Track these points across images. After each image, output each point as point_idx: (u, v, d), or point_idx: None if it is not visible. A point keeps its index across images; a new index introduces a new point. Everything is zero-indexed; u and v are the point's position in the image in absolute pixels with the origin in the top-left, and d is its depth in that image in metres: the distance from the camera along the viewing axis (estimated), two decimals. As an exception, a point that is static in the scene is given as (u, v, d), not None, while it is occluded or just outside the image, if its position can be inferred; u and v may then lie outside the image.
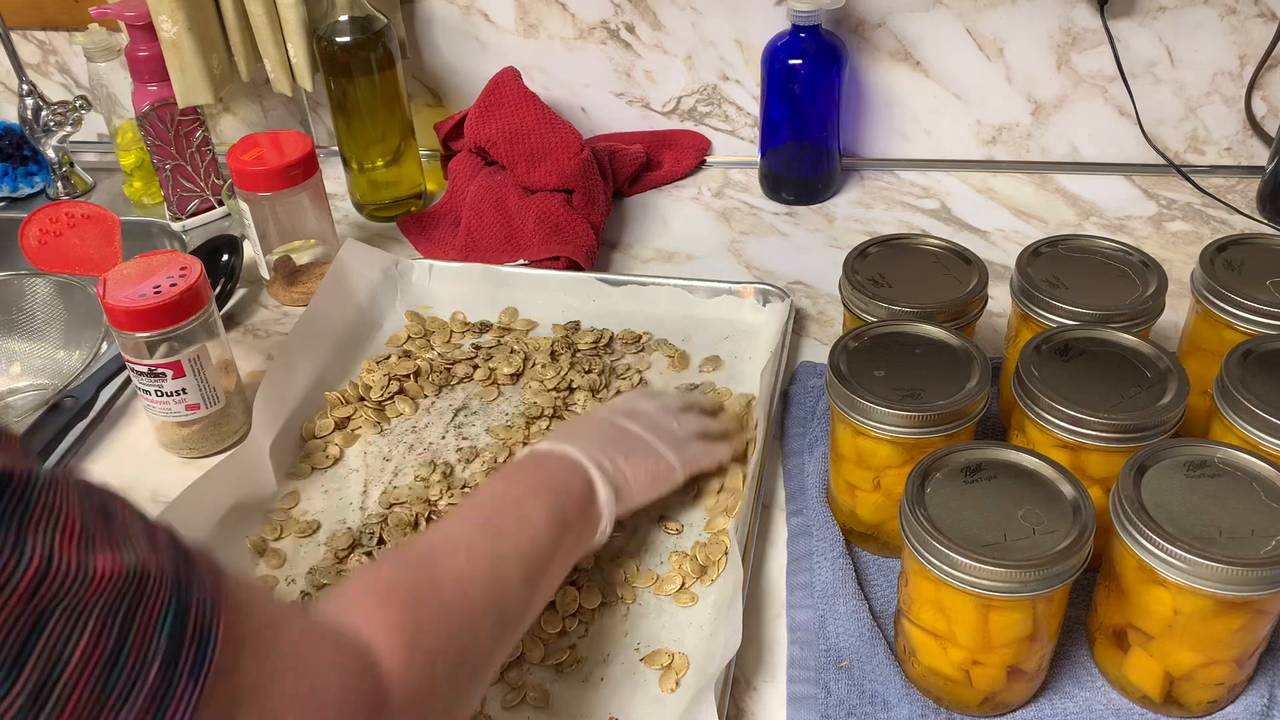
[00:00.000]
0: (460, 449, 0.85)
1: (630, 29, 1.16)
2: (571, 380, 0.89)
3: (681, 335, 0.95)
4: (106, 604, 0.34)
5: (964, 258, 0.81)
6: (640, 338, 0.94)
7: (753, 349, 0.93)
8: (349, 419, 0.88)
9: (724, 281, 0.98)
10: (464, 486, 0.81)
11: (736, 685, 0.68)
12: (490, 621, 0.56)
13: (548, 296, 0.99)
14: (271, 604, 0.44)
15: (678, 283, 0.98)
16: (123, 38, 1.10)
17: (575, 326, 0.96)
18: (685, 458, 0.75)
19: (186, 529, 0.74)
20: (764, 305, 0.96)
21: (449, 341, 0.96)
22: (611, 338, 0.95)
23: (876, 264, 0.82)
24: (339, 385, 0.92)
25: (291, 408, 0.87)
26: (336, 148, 1.15)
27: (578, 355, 0.92)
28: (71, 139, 1.19)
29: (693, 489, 0.79)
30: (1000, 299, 0.84)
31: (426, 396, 0.90)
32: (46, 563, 0.31)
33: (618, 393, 0.89)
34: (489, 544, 0.59)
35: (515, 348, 0.93)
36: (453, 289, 1.01)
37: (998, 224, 1.09)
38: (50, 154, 1.19)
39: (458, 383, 0.91)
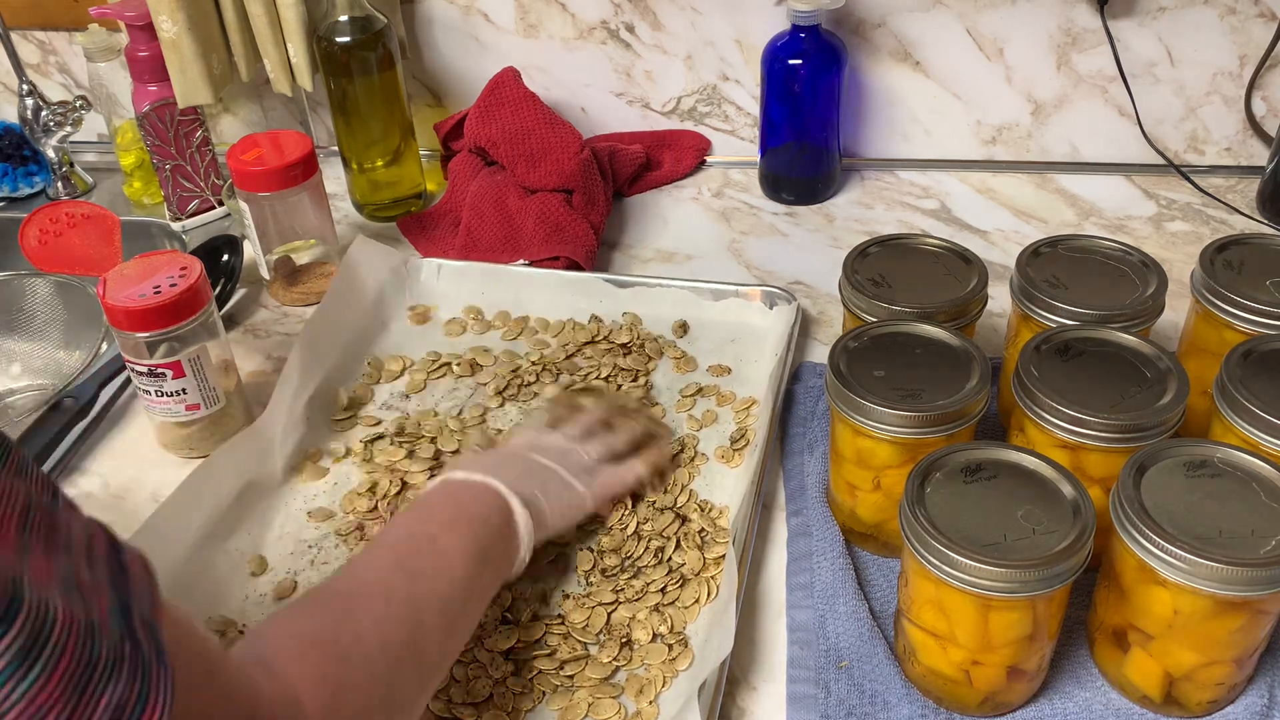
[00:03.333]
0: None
1: (630, 29, 1.16)
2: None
3: (688, 337, 0.96)
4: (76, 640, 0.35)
5: (964, 258, 0.81)
6: (657, 339, 0.95)
7: (759, 352, 0.93)
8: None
9: (730, 284, 0.98)
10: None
11: (736, 685, 0.68)
12: (412, 667, 0.56)
13: (555, 297, 0.99)
14: (202, 637, 0.44)
15: (684, 284, 0.98)
16: (123, 38, 1.10)
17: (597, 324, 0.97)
18: (595, 487, 0.75)
19: (196, 510, 0.76)
20: (770, 308, 0.96)
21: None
22: (642, 337, 0.95)
23: (876, 264, 0.82)
24: (348, 381, 0.92)
25: (303, 403, 0.87)
26: (336, 148, 1.15)
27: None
28: (71, 139, 1.19)
29: (610, 512, 0.78)
30: (1000, 299, 0.84)
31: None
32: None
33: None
34: (407, 586, 0.59)
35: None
36: (460, 288, 1.01)
37: (998, 224, 1.09)
38: (50, 154, 1.19)
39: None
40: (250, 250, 1.04)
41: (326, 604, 0.57)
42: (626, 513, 0.77)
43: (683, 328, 0.96)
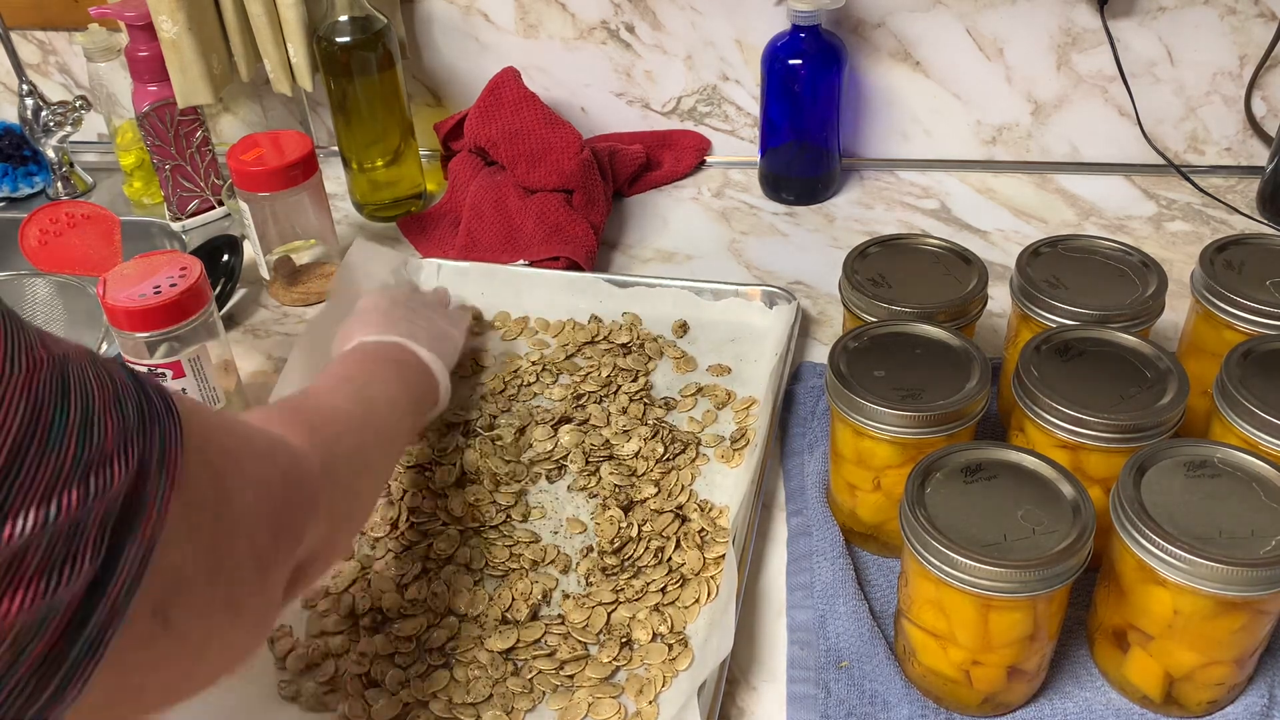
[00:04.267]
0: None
1: (630, 29, 1.16)
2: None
3: (688, 337, 0.96)
4: (90, 365, 0.40)
5: (964, 258, 0.81)
6: (657, 339, 0.95)
7: (759, 352, 0.93)
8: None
9: (730, 284, 0.98)
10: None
11: (736, 685, 0.68)
12: (371, 434, 0.66)
13: (555, 297, 0.99)
14: (217, 417, 0.50)
15: (684, 284, 0.98)
16: (123, 38, 1.10)
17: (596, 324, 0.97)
18: (458, 324, 0.89)
19: None
20: (770, 308, 0.96)
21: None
22: (642, 337, 0.95)
23: (876, 264, 0.82)
24: None
25: None
26: (336, 148, 1.15)
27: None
28: (71, 139, 1.19)
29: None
30: (1000, 299, 0.84)
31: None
32: (48, 350, 0.38)
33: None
34: (357, 392, 0.70)
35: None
36: (460, 289, 1.01)
37: (998, 224, 1.09)
38: (50, 154, 1.19)
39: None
40: (250, 250, 1.04)
41: (292, 402, 0.67)
42: (624, 525, 0.77)
43: (683, 328, 0.96)
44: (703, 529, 0.77)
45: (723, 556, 0.74)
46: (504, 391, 0.91)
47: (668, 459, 0.82)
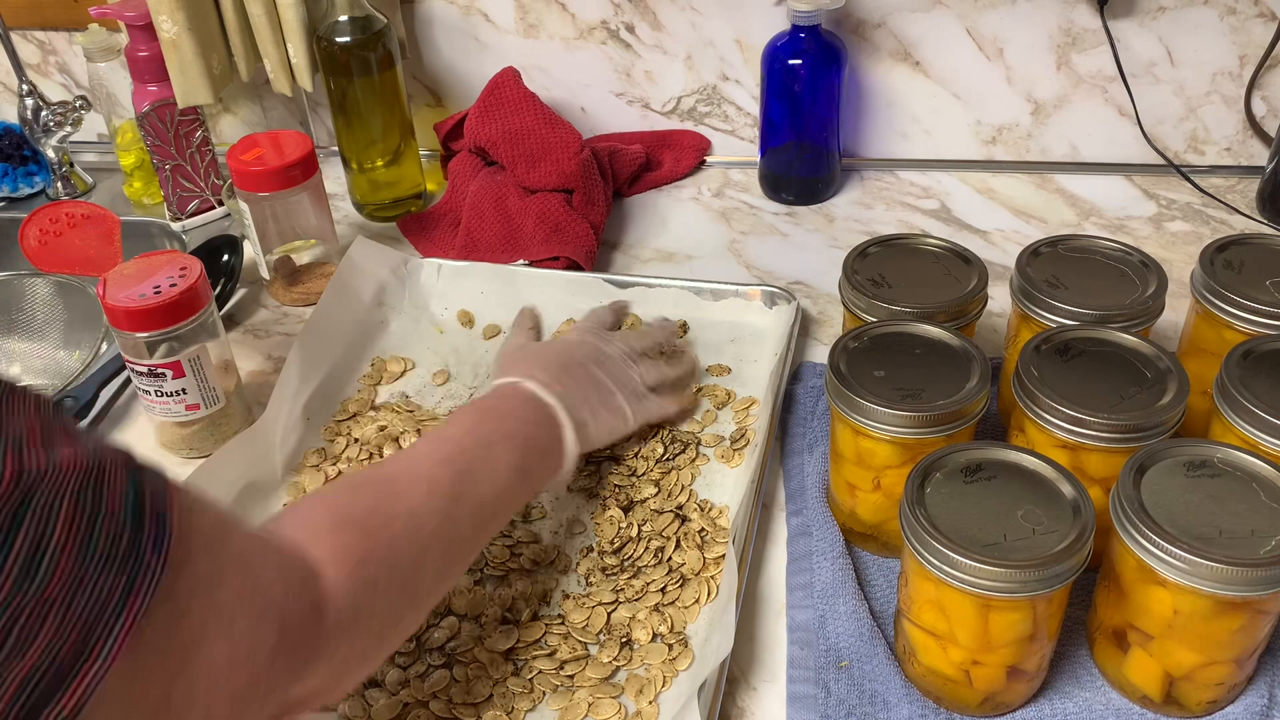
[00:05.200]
0: None
1: (630, 29, 1.16)
2: None
3: (688, 337, 0.96)
4: (77, 485, 0.37)
5: (964, 258, 0.81)
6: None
7: (759, 351, 0.93)
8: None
9: (730, 284, 0.98)
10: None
11: (736, 685, 0.68)
12: (436, 557, 0.58)
13: (555, 297, 0.99)
14: (218, 509, 0.46)
15: (684, 284, 0.98)
16: (123, 38, 1.10)
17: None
18: (640, 410, 0.80)
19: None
20: (770, 307, 0.96)
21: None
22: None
23: (876, 264, 0.82)
24: (348, 382, 0.92)
25: (302, 403, 0.87)
26: (336, 148, 1.15)
27: None
28: (71, 139, 1.19)
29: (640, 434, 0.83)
30: (1000, 299, 0.84)
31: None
32: (18, 465, 0.35)
33: None
34: (450, 483, 0.61)
35: None
36: (461, 289, 1.01)
37: (998, 224, 1.09)
38: (50, 154, 1.19)
39: None
40: (250, 250, 1.04)
41: (365, 484, 0.59)
42: (624, 525, 0.77)
43: (682, 328, 0.96)
44: (703, 529, 0.77)
45: (723, 556, 0.74)
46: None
47: (667, 459, 0.82)
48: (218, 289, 1.01)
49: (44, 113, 1.15)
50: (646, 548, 0.76)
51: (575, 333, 0.84)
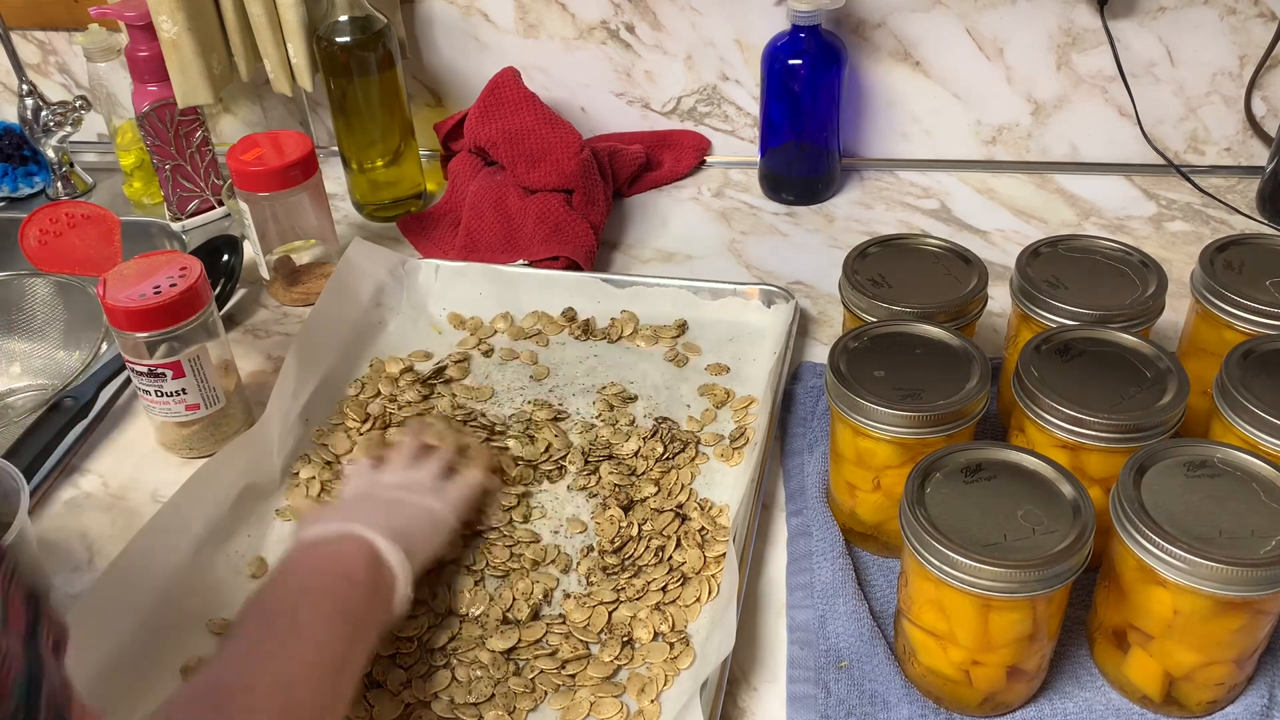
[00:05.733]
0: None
1: (630, 29, 1.16)
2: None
3: (687, 336, 0.96)
4: None
5: (964, 258, 0.81)
6: (656, 331, 0.95)
7: (757, 351, 0.93)
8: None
9: (728, 283, 0.98)
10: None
11: (736, 685, 0.68)
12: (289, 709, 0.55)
13: (553, 297, 0.99)
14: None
15: (682, 284, 0.98)
16: (123, 38, 1.10)
17: (585, 325, 0.96)
18: (447, 499, 0.74)
19: (197, 513, 0.76)
20: (769, 307, 0.96)
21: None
22: (635, 328, 0.96)
23: (876, 264, 0.82)
24: (345, 383, 0.92)
25: (301, 404, 0.87)
26: (336, 148, 1.15)
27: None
28: (71, 139, 1.19)
29: (476, 523, 0.78)
30: (1000, 299, 0.84)
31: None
32: None
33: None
34: (270, 672, 0.57)
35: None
36: (458, 289, 1.01)
37: (998, 224, 1.09)
38: (50, 154, 1.19)
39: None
40: (250, 250, 1.04)
41: (198, 704, 0.55)
42: (624, 525, 0.77)
43: (681, 327, 0.96)
44: (703, 528, 0.77)
45: (723, 555, 0.74)
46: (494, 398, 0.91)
47: (667, 458, 0.82)
48: (218, 289, 1.01)
49: (44, 113, 1.15)
50: (647, 547, 0.76)
51: (344, 489, 0.78)
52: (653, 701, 0.66)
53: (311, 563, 0.65)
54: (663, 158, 1.20)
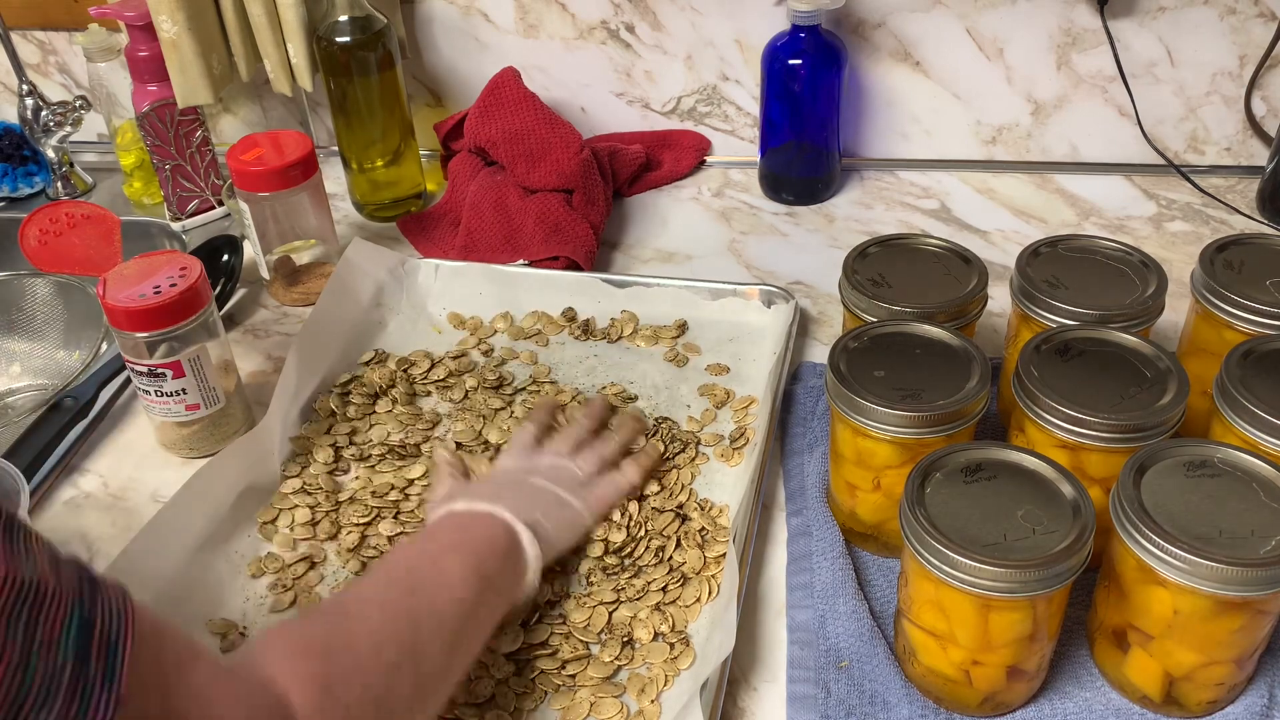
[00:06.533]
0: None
1: (630, 29, 1.16)
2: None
3: (687, 336, 0.96)
4: (5, 610, 0.35)
5: (964, 258, 0.81)
6: (656, 331, 0.95)
7: (757, 351, 0.93)
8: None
9: (728, 283, 0.98)
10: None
11: (736, 685, 0.68)
12: (407, 675, 0.56)
13: (553, 297, 0.99)
14: (183, 640, 0.45)
15: (682, 284, 0.98)
16: (123, 38, 1.10)
17: (585, 325, 0.96)
18: (590, 501, 0.75)
19: (197, 513, 0.76)
20: (768, 306, 0.96)
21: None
22: (635, 328, 0.96)
23: (876, 264, 0.82)
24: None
25: (300, 404, 0.87)
26: (336, 148, 1.15)
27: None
28: (71, 139, 1.19)
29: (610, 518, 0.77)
30: (1000, 299, 0.84)
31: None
32: None
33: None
34: (404, 600, 0.59)
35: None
36: (458, 289, 1.01)
37: (998, 224, 1.09)
38: (50, 154, 1.19)
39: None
40: (250, 250, 1.04)
41: (321, 614, 0.58)
42: (624, 516, 0.77)
43: (681, 327, 0.96)
44: (703, 528, 0.77)
45: (723, 555, 0.74)
46: (500, 392, 0.91)
47: (667, 458, 0.82)
48: (218, 289, 1.01)
49: (44, 113, 1.15)
50: (647, 547, 0.76)
51: (500, 462, 0.79)
52: (653, 702, 0.66)
53: (459, 524, 0.68)
54: (663, 158, 1.20)
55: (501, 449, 0.83)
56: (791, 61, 1.06)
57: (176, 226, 1.15)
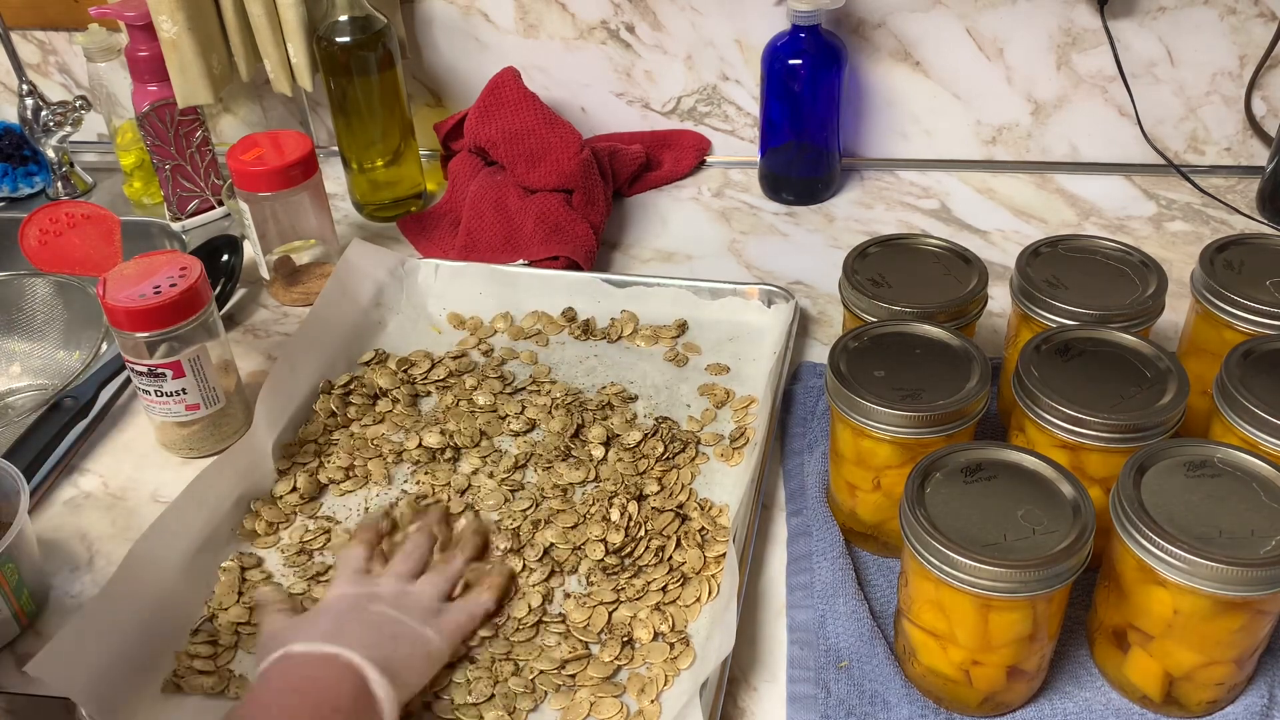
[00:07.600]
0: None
1: (630, 29, 1.16)
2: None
3: (687, 336, 0.96)
4: None
5: (964, 258, 0.81)
6: (656, 331, 0.95)
7: (757, 350, 0.93)
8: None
9: (728, 283, 0.98)
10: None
11: (736, 685, 0.68)
12: None
13: (553, 297, 0.99)
14: None
15: (682, 283, 0.98)
16: (123, 38, 1.10)
17: (585, 325, 0.96)
18: (446, 630, 0.68)
19: (191, 521, 0.75)
20: (769, 306, 0.96)
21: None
22: (635, 328, 0.96)
23: (876, 264, 0.82)
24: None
25: (296, 405, 0.87)
26: (336, 148, 1.15)
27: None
28: (71, 139, 1.19)
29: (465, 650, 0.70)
30: (1000, 299, 0.84)
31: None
32: None
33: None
34: None
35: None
36: (458, 289, 1.01)
37: (998, 224, 1.09)
38: (50, 154, 1.19)
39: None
40: (250, 250, 1.04)
41: None
42: (624, 516, 0.77)
43: (681, 327, 0.96)
44: (703, 528, 0.77)
45: (723, 555, 0.74)
46: (500, 393, 0.91)
47: (667, 458, 0.82)
48: (218, 289, 1.01)
49: (44, 113, 1.15)
50: (647, 547, 0.76)
51: (332, 590, 0.70)
52: (653, 701, 0.66)
53: (294, 684, 0.61)
54: (663, 158, 1.20)
55: (334, 568, 0.75)
56: (791, 61, 1.06)
57: (176, 226, 1.15)
